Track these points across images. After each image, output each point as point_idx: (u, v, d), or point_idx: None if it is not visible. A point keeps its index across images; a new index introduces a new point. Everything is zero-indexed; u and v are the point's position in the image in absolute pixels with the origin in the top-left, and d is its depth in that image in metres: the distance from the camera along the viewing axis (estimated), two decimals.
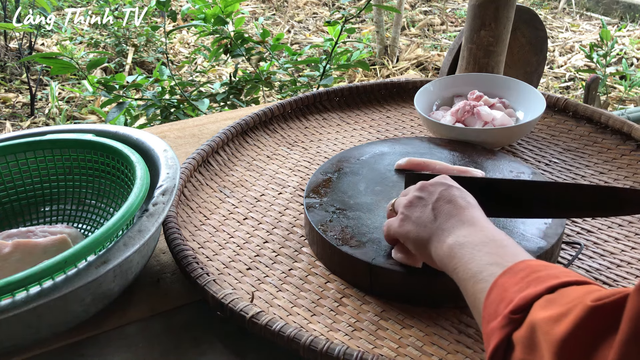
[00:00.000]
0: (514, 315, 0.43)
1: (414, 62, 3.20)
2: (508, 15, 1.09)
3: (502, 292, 0.46)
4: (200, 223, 0.84)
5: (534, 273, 0.46)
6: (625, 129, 0.99)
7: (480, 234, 0.55)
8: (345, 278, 0.73)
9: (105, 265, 0.58)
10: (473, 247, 0.54)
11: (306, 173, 0.96)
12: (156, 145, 0.78)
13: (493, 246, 0.53)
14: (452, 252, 0.55)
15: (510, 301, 0.44)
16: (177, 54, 3.33)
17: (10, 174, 0.80)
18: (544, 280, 0.44)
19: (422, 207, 0.62)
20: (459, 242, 0.56)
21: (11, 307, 0.54)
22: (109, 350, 0.66)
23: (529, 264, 0.48)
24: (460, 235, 0.56)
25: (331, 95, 1.18)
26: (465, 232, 0.56)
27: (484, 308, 0.47)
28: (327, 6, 4.09)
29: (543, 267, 0.47)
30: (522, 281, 0.45)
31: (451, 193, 0.62)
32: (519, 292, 0.44)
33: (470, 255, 0.53)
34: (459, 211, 0.59)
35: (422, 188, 0.64)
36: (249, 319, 0.63)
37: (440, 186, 0.63)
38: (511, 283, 0.46)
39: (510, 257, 0.50)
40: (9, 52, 3.10)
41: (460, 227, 0.57)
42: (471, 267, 0.52)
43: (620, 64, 2.98)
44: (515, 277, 0.46)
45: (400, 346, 0.63)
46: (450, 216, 0.59)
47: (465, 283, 0.52)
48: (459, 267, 0.54)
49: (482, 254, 0.52)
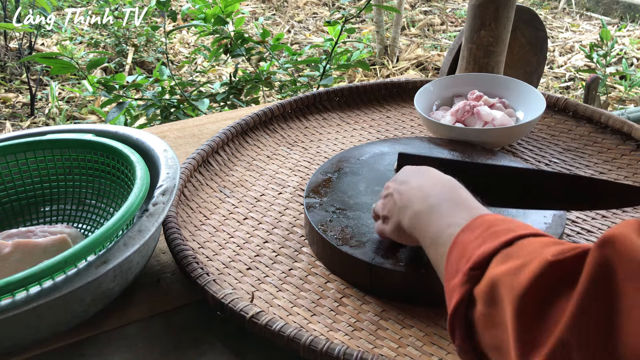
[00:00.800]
0: (473, 271, 0.43)
1: (414, 62, 3.20)
2: (508, 15, 1.09)
3: (462, 250, 0.47)
4: (200, 223, 0.84)
5: (490, 227, 0.46)
6: (625, 129, 0.99)
7: (433, 198, 0.57)
8: (345, 278, 0.73)
9: (105, 265, 0.58)
10: (428, 213, 0.55)
11: (306, 173, 0.96)
12: (156, 145, 0.78)
13: (446, 206, 0.54)
14: (414, 223, 0.57)
15: (469, 257, 0.44)
16: (177, 54, 3.33)
17: (10, 174, 0.80)
18: (501, 234, 0.44)
19: (389, 201, 0.65)
20: (415, 211, 0.57)
21: (11, 307, 0.54)
22: (109, 350, 0.66)
23: (486, 219, 0.48)
24: (416, 205, 0.58)
25: (331, 95, 1.18)
26: (420, 202, 0.58)
27: (446, 267, 0.48)
28: (327, 6, 4.09)
29: (500, 221, 0.47)
30: (480, 237, 0.46)
31: (405, 175, 0.64)
32: (477, 248, 0.44)
33: (427, 221, 0.55)
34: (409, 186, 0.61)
35: (386, 188, 0.67)
36: (249, 319, 0.63)
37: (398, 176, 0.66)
38: (469, 239, 0.47)
39: (466, 212, 0.51)
40: (9, 52, 3.10)
41: (414, 199, 0.59)
42: (430, 233, 0.53)
43: (620, 64, 2.98)
44: (473, 233, 0.47)
45: (400, 346, 0.63)
46: (405, 194, 0.61)
47: (429, 250, 0.53)
48: (421, 237, 0.55)
49: (437, 216, 0.54)
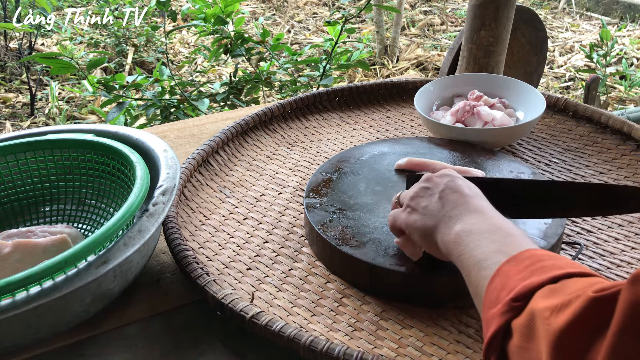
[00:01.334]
0: (514, 302, 0.42)
1: (414, 62, 3.20)
2: (508, 15, 1.09)
3: (505, 280, 0.46)
4: (200, 223, 0.84)
5: (538, 262, 0.45)
6: (625, 129, 0.99)
7: (488, 222, 0.55)
8: (345, 278, 0.73)
9: (105, 266, 0.58)
10: (480, 235, 0.54)
11: (306, 173, 0.96)
12: (156, 145, 0.78)
13: (500, 234, 0.53)
14: (459, 239, 0.55)
15: (512, 289, 0.44)
16: (177, 54, 3.33)
17: (10, 174, 0.80)
18: (548, 270, 0.43)
19: (429, 196, 0.62)
20: (466, 229, 0.55)
21: (11, 307, 0.54)
22: (109, 350, 0.66)
23: (534, 253, 0.48)
24: (468, 223, 0.56)
25: (331, 95, 1.18)
26: (474, 219, 0.56)
27: (486, 295, 0.47)
28: (327, 6, 4.09)
29: (548, 256, 0.46)
30: (526, 270, 0.45)
31: (457, 183, 0.62)
32: (522, 281, 0.44)
33: (477, 243, 0.53)
34: (465, 199, 0.59)
35: (428, 179, 0.65)
36: (249, 319, 0.63)
37: (446, 177, 0.64)
38: (515, 271, 0.46)
39: (516, 245, 0.50)
40: (9, 52, 3.10)
41: (468, 214, 0.57)
42: (476, 254, 0.52)
43: (620, 64, 2.98)
44: (519, 266, 0.46)
45: (400, 346, 0.63)
46: (457, 204, 0.59)
47: (470, 270, 0.52)
48: (464, 254, 0.54)
49: (489, 241, 0.52)
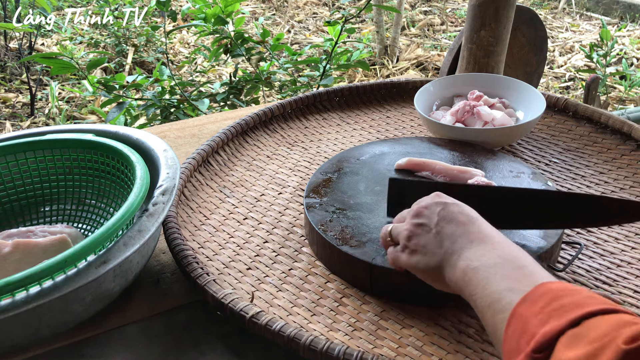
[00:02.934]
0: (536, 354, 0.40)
1: (414, 62, 3.20)
2: (508, 15, 1.09)
3: (523, 324, 0.43)
4: (200, 223, 0.84)
5: (555, 301, 0.43)
6: (625, 129, 0.99)
7: (493, 254, 0.52)
8: (345, 278, 0.73)
9: (105, 265, 0.58)
10: (487, 270, 0.51)
11: (306, 173, 0.96)
12: (156, 145, 0.78)
13: (508, 268, 0.50)
14: (467, 277, 0.52)
15: (532, 336, 0.41)
16: (177, 54, 3.33)
17: (10, 174, 0.80)
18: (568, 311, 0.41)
19: (426, 234, 0.59)
20: (472, 266, 0.52)
21: (11, 307, 0.54)
22: (109, 351, 0.66)
23: (549, 289, 0.45)
24: (472, 258, 0.53)
25: (331, 95, 1.18)
26: (477, 252, 0.53)
27: (504, 341, 0.44)
28: (327, 6, 4.09)
29: (564, 292, 0.44)
30: (543, 311, 0.42)
31: (450, 211, 0.59)
32: (541, 326, 0.41)
33: (486, 281, 0.50)
34: (463, 229, 0.57)
35: (418, 214, 0.61)
36: (249, 319, 0.63)
37: (436, 207, 0.60)
38: (531, 313, 0.43)
39: (528, 279, 0.47)
40: (9, 52, 3.10)
41: (470, 246, 0.55)
42: (488, 293, 0.49)
43: (620, 64, 2.98)
44: (534, 306, 0.43)
45: (400, 346, 0.63)
46: (456, 237, 0.56)
47: (484, 312, 0.49)
48: (475, 294, 0.51)
49: (498, 277, 0.49)
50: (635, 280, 0.72)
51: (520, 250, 0.53)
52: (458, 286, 0.54)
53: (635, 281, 0.72)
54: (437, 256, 0.57)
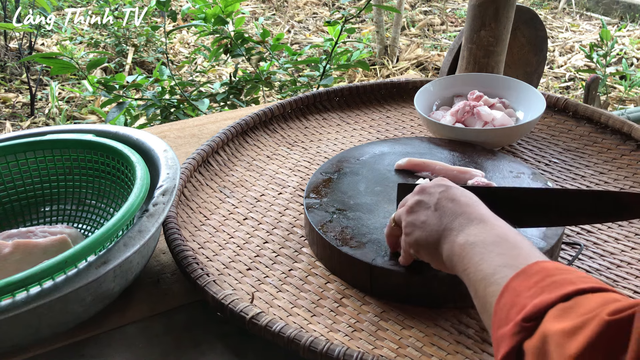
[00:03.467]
0: (526, 322, 0.41)
1: (414, 62, 3.20)
2: (508, 15, 1.09)
3: (514, 297, 0.44)
4: (200, 223, 0.84)
5: (548, 277, 0.44)
6: (625, 129, 0.99)
7: (492, 232, 0.53)
8: (345, 278, 0.73)
9: (105, 266, 0.58)
10: (484, 247, 0.51)
11: (306, 173, 0.96)
12: (156, 146, 0.78)
13: (506, 246, 0.51)
14: (463, 252, 0.53)
15: (523, 307, 0.42)
16: (177, 54, 3.33)
17: (10, 174, 0.80)
18: (559, 286, 0.42)
19: (425, 209, 0.60)
20: (469, 241, 0.53)
21: (11, 308, 0.54)
22: (109, 351, 0.66)
23: (544, 266, 0.45)
24: (471, 234, 0.54)
25: (331, 95, 1.18)
26: (476, 230, 0.54)
27: (495, 312, 0.45)
28: (327, 6, 4.09)
29: (558, 270, 0.44)
30: (536, 286, 0.43)
31: (451, 192, 0.60)
32: (532, 298, 0.42)
33: (481, 256, 0.51)
34: (464, 209, 0.57)
35: (421, 191, 0.62)
36: (249, 319, 0.63)
37: (439, 187, 0.61)
38: (524, 287, 0.44)
39: (524, 258, 0.48)
40: (9, 52, 3.10)
41: (469, 225, 0.55)
42: (482, 268, 0.50)
43: (620, 64, 2.98)
44: (528, 281, 0.44)
45: (400, 347, 0.63)
46: (456, 215, 0.57)
47: (477, 285, 0.50)
48: (469, 268, 0.51)
49: (494, 254, 0.50)
50: (635, 281, 0.72)
51: (518, 233, 0.54)
52: (453, 261, 0.55)
53: (635, 281, 0.72)
54: (436, 232, 0.58)
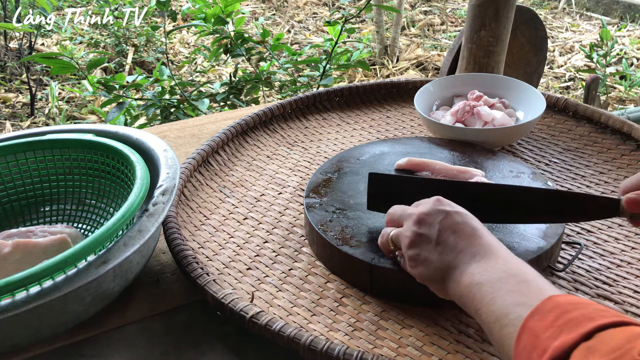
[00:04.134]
0: None
1: (414, 62, 3.20)
2: (508, 15, 1.09)
3: (534, 339, 0.43)
4: (200, 223, 0.84)
5: (565, 314, 0.42)
6: (625, 129, 0.99)
7: (497, 268, 0.52)
8: (345, 278, 0.73)
9: (105, 265, 0.58)
10: (492, 286, 0.50)
11: (306, 173, 0.96)
12: (156, 145, 0.78)
13: (513, 282, 0.49)
14: (471, 293, 0.52)
15: (544, 350, 0.41)
16: (177, 54, 3.33)
17: (10, 174, 0.80)
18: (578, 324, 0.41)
19: (427, 244, 0.58)
20: (475, 281, 0.52)
21: (11, 307, 0.54)
22: (109, 351, 0.66)
23: (558, 302, 0.44)
24: (476, 273, 0.52)
25: (331, 95, 1.18)
26: (480, 267, 0.53)
27: (515, 356, 0.44)
28: (327, 6, 4.09)
29: (573, 306, 0.43)
30: (554, 325, 0.42)
31: (453, 221, 0.58)
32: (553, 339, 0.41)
33: (491, 296, 0.49)
34: (467, 242, 0.56)
35: (420, 221, 0.60)
36: (249, 319, 0.63)
37: (438, 215, 0.59)
38: (542, 327, 0.43)
39: (535, 293, 0.47)
40: (9, 52, 3.10)
41: (472, 261, 0.54)
42: (494, 309, 0.48)
43: (620, 64, 2.98)
44: (545, 320, 0.43)
45: (400, 346, 0.63)
46: (458, 250, 0.56)
47: (491, 327, 0.49)
48: (481, 309, 0.50)
49: (504, 292, 0.49)
50: (635, 280, 0.72)
51: (523, 263, 0.53)
52: (462, 301, 0.54)
53: (635, 281, 0.72)
54: (440, 270, 0.56)
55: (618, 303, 0.69)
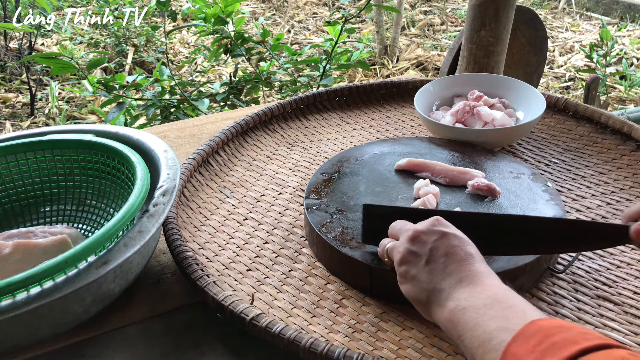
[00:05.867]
0: None
1: (414, 62, 3.20)
2: (508, 15, 1.09)
3: None
4: (200, 224, 0.84)
5: (547, 338, 0.42)
6: (625, 129, 0.99)
7: (483, 295, 0.51)
8: (346, 279, 0.73)
9: (105, 266, 0.58)
10: (476, 311, 0.49)
11: (306, 173, 0.96)
12: (156, 146, 0.78)
13: (498, 308, 0.49)
14: (455, 318, 0.51)
15: None
16: (177, 54, 3.33)
17: (10, 174, 0.80)
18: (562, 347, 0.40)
19: (417, 262, 0.57)
20: (460, 306, 0.51)
21: (12, 308, 0.54)
22: (109, 351, 0.66)
23: (540, 326, 0.44)
24: (462, 299, 0.52)
25: (331, 95, 1.18)
26: (466, 293, 0.52)
27: None
28: (327, 6, 4.09)
29: (556, 329, 0.43)
30: (536, 349, 0.41)
31: (447, 243, 0.57)
32: None
33: (475, 322, 0.49)
34: (457, 266, 0.55)
35: (414, 239, 0.58)
36: (249, 321, 0.63)
37: (433, 235, 0.58)
38: (524, 351, 0.42)
39: (519, 318, 0.46)
40: (9, 52, 3.10)
41: (459, 287, 0.53)
42: (477, 334, 0.48)
43: (620, 64, 2.98)
44: (527, 344, 0.43)
45: (400, 348, 0.63)
46: (446, 273, 0.55)
47: (474, 353, 0.48)
48: (464, 335, 0.49)
49: (488, 318, 0.48)
50: (634, 282, 0.72)
51: (509, 290, 0.52)
52: (445, 326, 0.53)
53: (635, 282, 0.72)
54: (426, 291, 0.56)
55: (618, 304, 0.69)
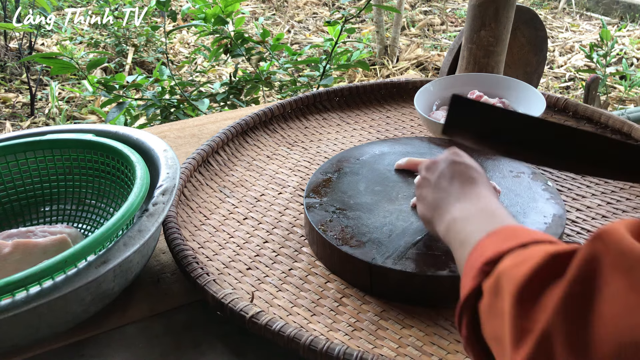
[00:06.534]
0: (486, 266, 0.44)
1: (414, 62, 3.20)
2: (508, 15, 1.09)
3: (481, 250, 0.47)
4: (200, 223, 0.84)
5: (513, 233, 0.47)
6: (625, 129, 0.99)
7: (474, 208, 0.56)
8: (345, 278, 0.73)
9: (105, 265, 0.58)
10: (466, 220, 0.55)
11: (306, 173, 0.96)
12: (156, 145, 0.78)
13: (484, 216, 0.54)
14: (448, 227, 0.57)
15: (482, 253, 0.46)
16: (177, 54, 3.33)
17: (10, 174, 0.80)
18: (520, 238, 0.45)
19: (426, 186, 0.64)
20: (453, 217, 0.57)
21: (11, 307, 0.54)
22: (108, 351, 0.66)
23: (513, 227, 0.49)
24: (456, 212, 0.57)
25: (331, 95, 1.18)
26: (460, 206, 0.58)
27: (464, 266, 0.49)
28: (327, 6, 4.09)
29: (525, 230, 0.48)
30: (500, 239, 0.47)
31: (455, 169, 0.62)
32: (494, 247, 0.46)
33: (462, 227, 0.55)
34: (458, 186, 0.60)
35: (429, 168, 0.66)
36: (249, 319, 0.63)
37: (443, 163, 0.64)
38: (490, 242, 0.47)
39: (498, 222, 0.52)
40: (9, 52, 3.10)
41: (456, 202, 0.59)
42: (461, 236, 0.54)
43: (620, 64, 2.98)
44: (496, 237, 0.48)
45: (400, 346, 0.63)
46: (447, 194, 0.60)
47: (456, 252, 0.54)
48: (451, 239, 0.56)
49: (471, 224, 0.54)
50: None
51: (501, 207, 0.56)
52: (445, 239, 0.58)
53: None
54: (430, 208, 0.62)
55: None
